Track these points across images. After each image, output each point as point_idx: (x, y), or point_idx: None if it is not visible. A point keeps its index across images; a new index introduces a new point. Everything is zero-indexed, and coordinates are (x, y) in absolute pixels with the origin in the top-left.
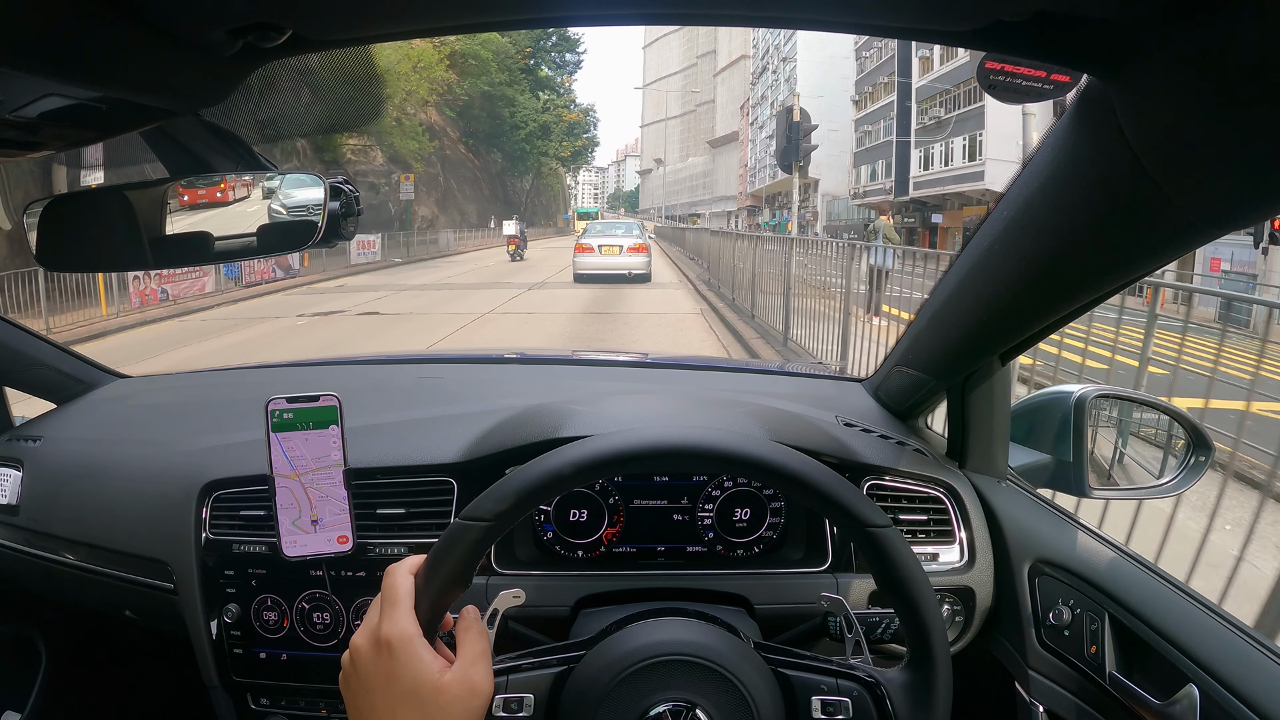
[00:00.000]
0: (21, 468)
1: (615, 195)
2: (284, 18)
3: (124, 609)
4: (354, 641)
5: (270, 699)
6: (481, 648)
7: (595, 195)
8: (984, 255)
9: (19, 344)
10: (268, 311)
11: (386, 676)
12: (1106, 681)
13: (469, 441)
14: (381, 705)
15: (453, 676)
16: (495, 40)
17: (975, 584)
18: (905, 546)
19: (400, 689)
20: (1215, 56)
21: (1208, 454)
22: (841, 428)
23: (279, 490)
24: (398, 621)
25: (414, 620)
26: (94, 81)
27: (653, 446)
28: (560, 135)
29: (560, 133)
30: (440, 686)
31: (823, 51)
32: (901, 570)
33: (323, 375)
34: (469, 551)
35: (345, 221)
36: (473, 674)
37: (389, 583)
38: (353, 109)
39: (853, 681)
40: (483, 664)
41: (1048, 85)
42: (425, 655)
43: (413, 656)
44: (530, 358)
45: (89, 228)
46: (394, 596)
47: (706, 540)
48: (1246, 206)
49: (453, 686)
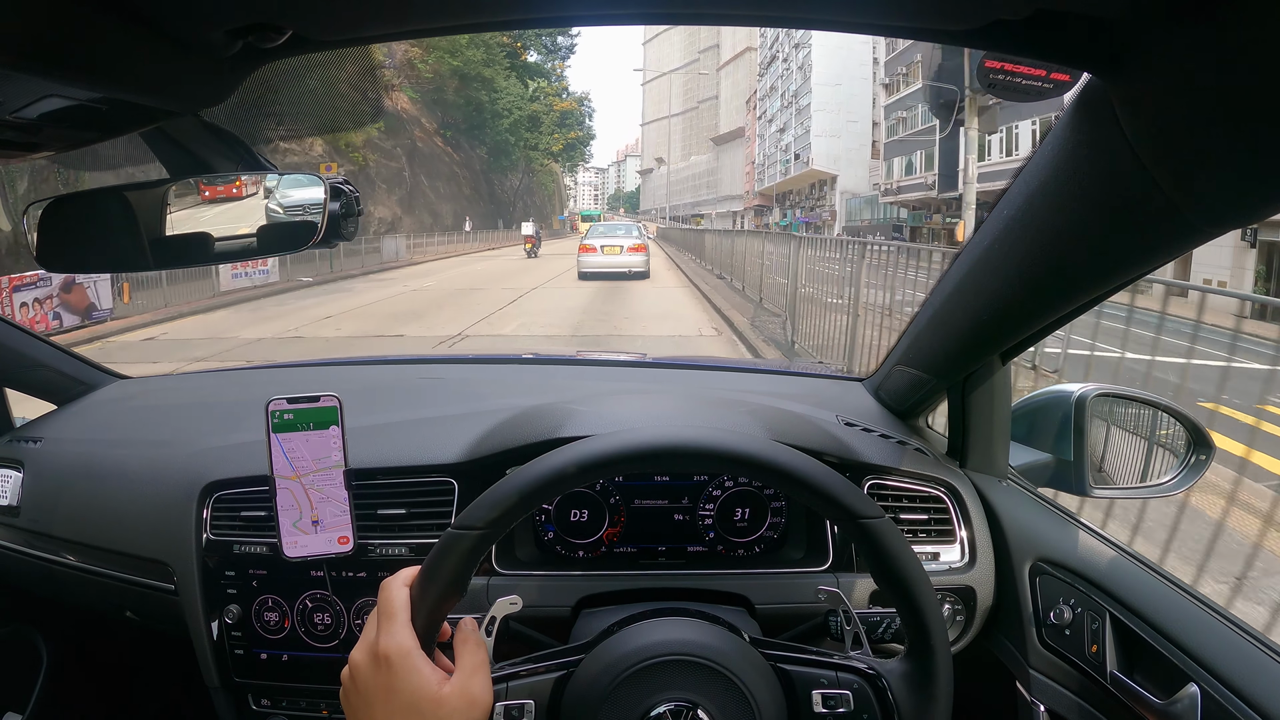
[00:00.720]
0: (22, 469)
1: (615, 196)
2: (284, 18)
3: (124, 610)
4: (353, 656)
5: (271, 700)
6: (480, 659)
7: (595, 197)
8: (984, 255)
9: (20, 345)
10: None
11: (386, 690)
12: (1107, 681)
13: (470, 442)
14: (382, 719)
15: (452, 689)
16: None
17: (976, 583)
18: (899, 536)
19: (400, 702)
20: (1215, 56)
21: (1208, 453)
22: (842, 427)
23: (280, 492)
24: (395, 635)
25: (411, 633)
26: (94, 82)
27: (643, 447)
28: (551, 126)
29: (551, 124)
30: (440, 699)
31: (840, 35)
32: (896, 560)
33: (323, 375)
34: (463, 560)
35: (345, 221)
36: (471, 686)
37: (384, 597)
38: (353, 109)
39: (853, 674)
40: (481, 675)
41: (1047, 84)
42: (424, 668)
43: (411, 670)
44: (530, 358)
45: (89, 228)
46: (390, 610)
47: (707, 540)
48: (1246, 206)
49: (452, 699)
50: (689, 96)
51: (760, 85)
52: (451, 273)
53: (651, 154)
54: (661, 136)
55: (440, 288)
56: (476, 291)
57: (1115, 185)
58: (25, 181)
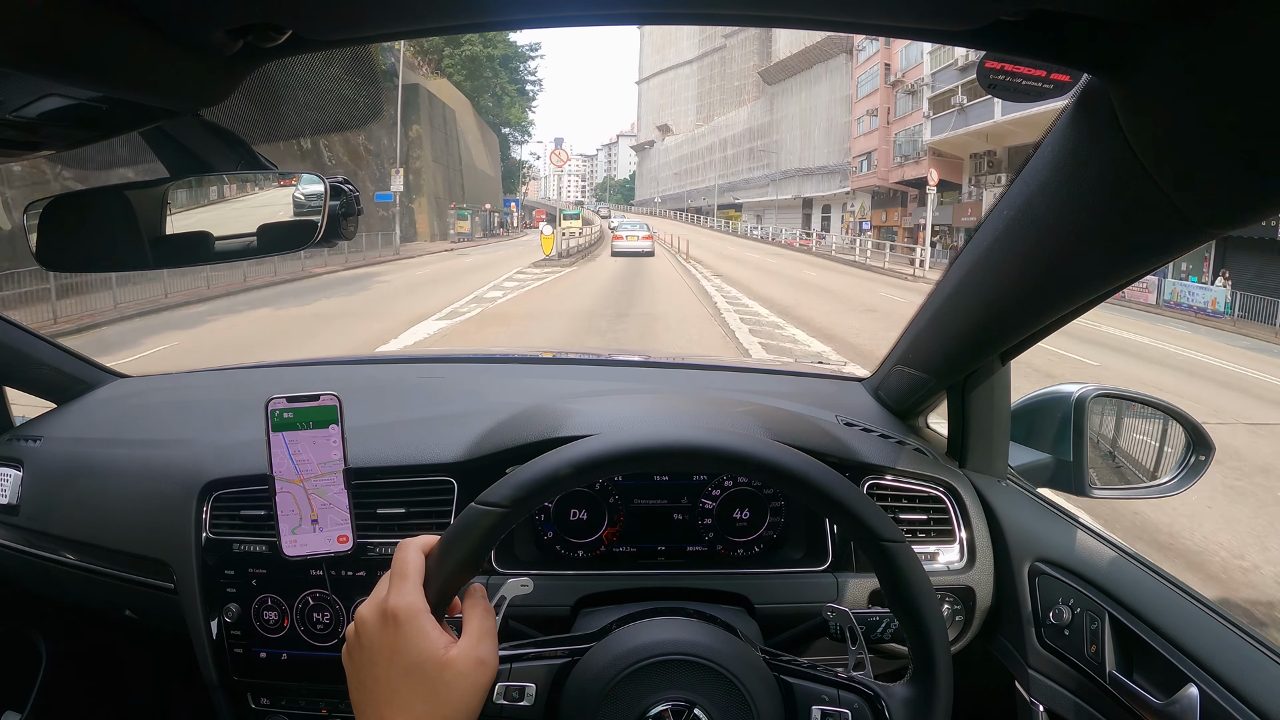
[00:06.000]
0: (21, 468)
1: (603, 186)
2: (284, 18)
3: (124, 609)
4: (360, 613)
5: (270, 699)
6: (489, 625)
7: (583, 187)
8: (984, 255)
9: (19, 344)
10: None
11: (391, 649)
12: (1106, 681)
13: (469, 441)
14: (384, 678)
15: (459, 651)
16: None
17: (975, 583)
18: (916, 562)
19: (405, 662)
20: (1215, 56)
21: (1208, 453)
22: (842, 427)
23: (279, 494)
24: (406, 595)
25: (422, 595)
26: (94, 81)
27: (680, 445)
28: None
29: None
30: (446, 661)
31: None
32: (911, 587)
33: (323, 375)
34: (484, 536)
35: (345, 221)
36: (480, 649)
37: (400, 557)
38: (352, 109)
39: (854, 694)
40: (490, 640)
41: (1048, 85)
42: (431, 630)
43: (419, 630)
44: (530, 357)
45: (89, 228)
46: (404, 570)
47: (707, 540)
48: (1246, 206)
49: (459, 661)
50: (707, 33)
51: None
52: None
53: (651, 121)
54: (666, 97)
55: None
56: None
57: (1115, 185)
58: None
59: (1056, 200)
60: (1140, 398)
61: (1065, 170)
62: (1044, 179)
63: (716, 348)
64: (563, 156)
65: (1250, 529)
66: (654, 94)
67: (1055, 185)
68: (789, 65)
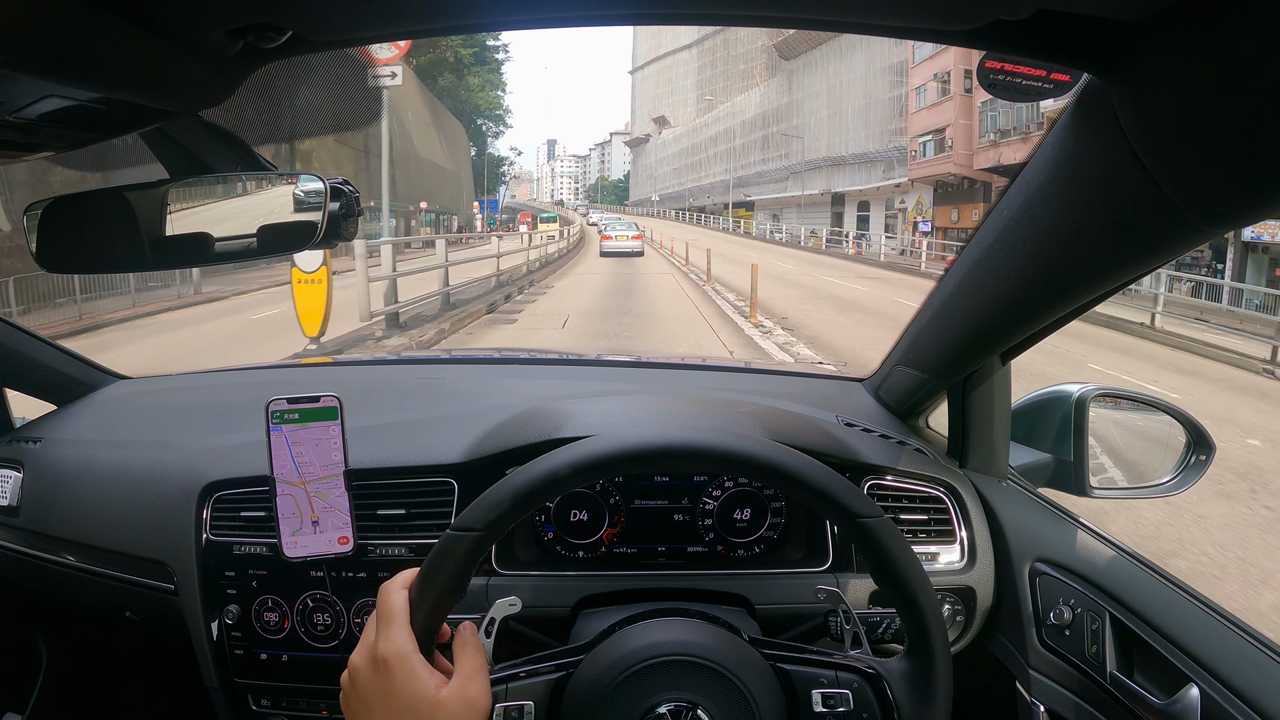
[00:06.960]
0: (22, 469)
1: (595, 187)
2: (284, 18)
3: (124, 610)
4: (352, 660)
5: (271, 700)
6: (478, 663)
7: (576, 189)
8: (984, 255)
9: (20, 345)
10: None
11: (385, 694)
12: (1107, 681)
13: (469, 442)
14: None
15: (450, 692)
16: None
17: (976, 583)
18: (898, 535)
19: (399, 706)
20: (1215, 56)
21: (1208, 453)
22: (842, 427)
23: (280, 496)
24: (393, 639)
25: (410, 636)
26: (94, 82)
27: (640, 448)
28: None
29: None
30: (438, 702)
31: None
32: (895, 560)
33: (323, 376)
34: (461, 562)
35: (345, 222)
36: (470, 689)
37: (383, 600)
38: (353, 109)
39: (852, 673)
40: (479, 679)
41: (1048, 85)
42: (422, 672)
43: (410, 673)
44: (530, 358)
45: (89, 229)
46: (389, 614)
47: (707, 540)
48: (1246, 206)
49: (450, 702)
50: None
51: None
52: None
53: (646, 114)
54: (663, 86)
55: None
56: None
57: (1115, 185)
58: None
59: (1057, 200)
60: (1140, 397)
61: (1065, 170)
62: (1044, 179)
63: None
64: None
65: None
66: (649, 84)
67: (1055, 185)
68: (813, 34)
